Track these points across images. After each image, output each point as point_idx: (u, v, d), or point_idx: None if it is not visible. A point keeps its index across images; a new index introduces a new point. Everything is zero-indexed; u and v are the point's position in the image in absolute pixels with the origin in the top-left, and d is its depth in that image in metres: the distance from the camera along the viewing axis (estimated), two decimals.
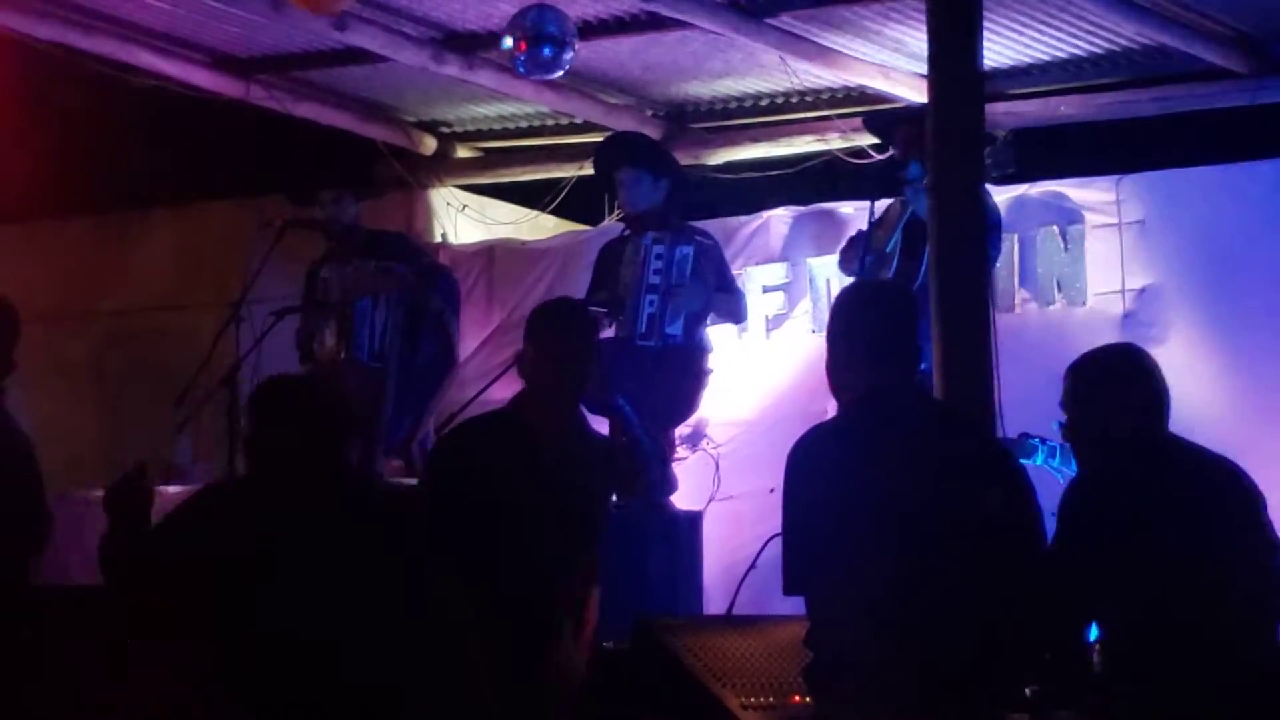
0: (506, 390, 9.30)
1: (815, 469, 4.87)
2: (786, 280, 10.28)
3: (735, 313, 9.35)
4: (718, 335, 9.32)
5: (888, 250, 8.60)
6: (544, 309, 6.34)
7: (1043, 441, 8.10)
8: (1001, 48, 9.62)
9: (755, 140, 11.04)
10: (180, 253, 11.86)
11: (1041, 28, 9.47)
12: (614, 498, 6.43)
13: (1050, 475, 8.05)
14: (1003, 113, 9.97)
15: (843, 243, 9.37)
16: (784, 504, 4.88)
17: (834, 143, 10.62)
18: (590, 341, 6.17)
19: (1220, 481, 5.51)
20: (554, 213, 11.61)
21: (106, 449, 10.66)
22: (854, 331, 4.98)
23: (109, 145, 11.32)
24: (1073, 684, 5.42)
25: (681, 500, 8.86)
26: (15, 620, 7.16)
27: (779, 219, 10.49)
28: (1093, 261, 9.53)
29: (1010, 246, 9.49)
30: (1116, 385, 5.57)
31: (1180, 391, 9.01)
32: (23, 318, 6.94)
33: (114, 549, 5.40)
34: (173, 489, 8.06)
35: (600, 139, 10.70)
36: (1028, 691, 5.34)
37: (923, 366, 5.71)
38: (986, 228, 7.95)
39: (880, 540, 4.72)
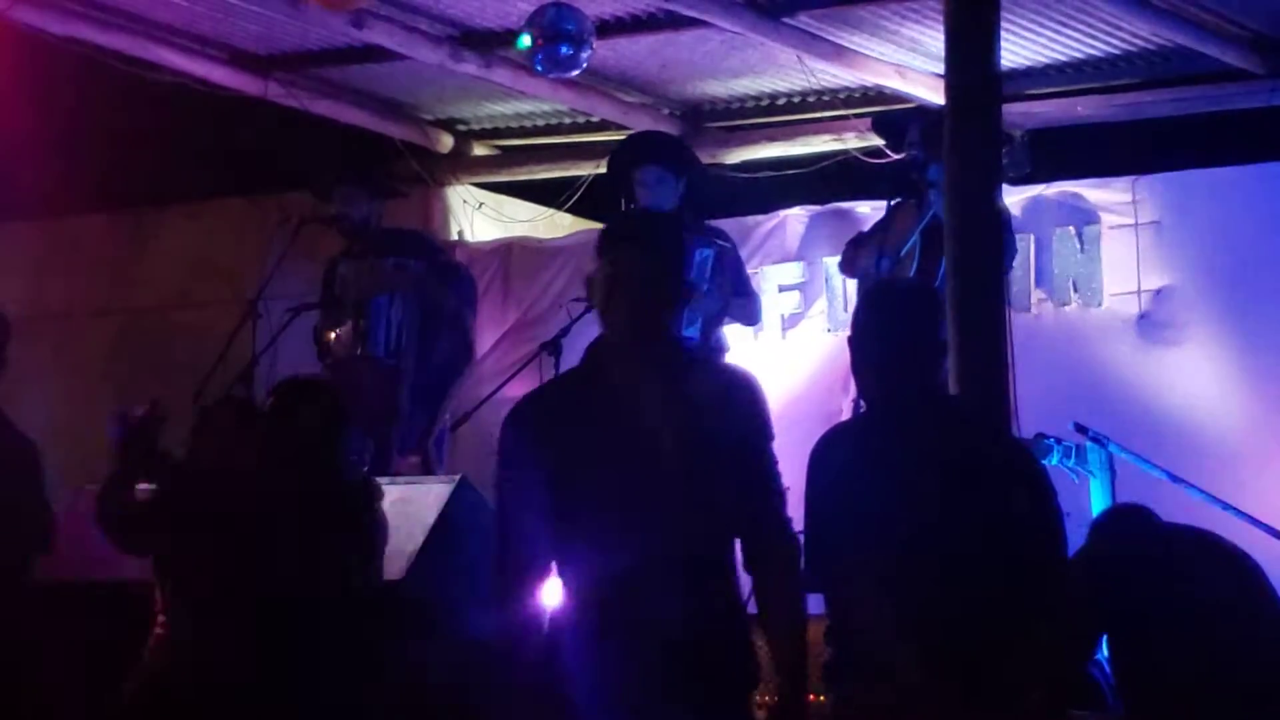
0: (522, 387, 9.32)
1: (836, 468, 4.87)
2: (802, 279, 10.28)
3: (750, 315, 9.32)
4: (733, 335, 9.31)
5: (902, 254, 8.57)
6: None
7: (1058, 442, 8.11)
8: (1018, 48, 9.62)
9: (772, 139, 11.04)
10: (196, 250, 11.87)
11: (1058, 28, 9.46)
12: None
13: (1066, 475, 8.05)
14: (1019, 113, 9.98)
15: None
16: (805, 502, 4.88)
17: (850, 142, 10.62)
18: (648, 258, 4.77)
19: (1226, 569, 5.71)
20: (570, 211, 11.61)
21: None
22: (876, 331, 4.98)
23: (126, 142, 11.34)
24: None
25: None
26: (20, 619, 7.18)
27: (795, 218, 10.49)
28: (1109, 262, 9.52)
29: (1026, 247, 9.49)
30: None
31: (1196, 392, 9.12)
32: (39, 314, 6.97)
33: (119, 489, 6.47)
34: None
35: (617, 137, 10.70)
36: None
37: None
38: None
39: (901, 539, 4.72)
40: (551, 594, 7.54)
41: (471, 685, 6.18)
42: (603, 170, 10.39)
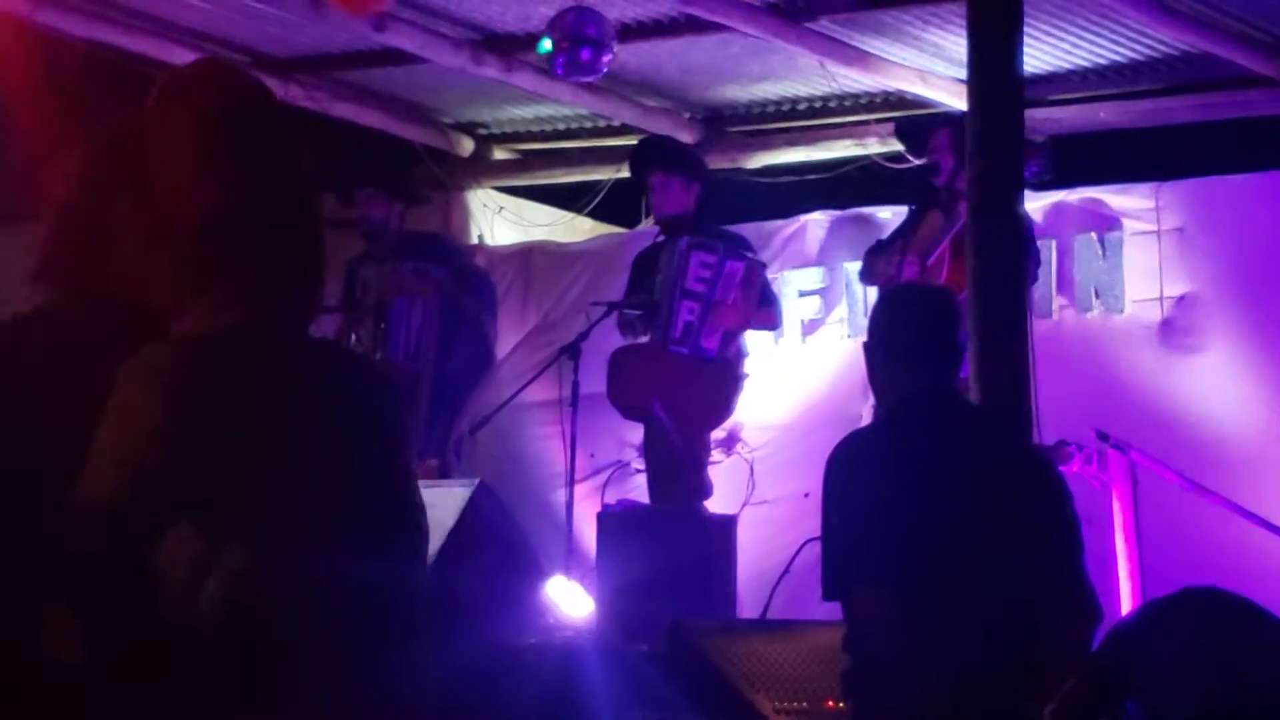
0: (542, 391, 9.33)
1: (855, 474, 4.85)
2: (823, 285, 10.26)
3: (772, 322, 9.31)
4: (753, 340, 9.30)
5: (930, 263, 8.54)
6: None
7: (1080, 448, 8.08)
8: (1041, 53, 9.59)
9: (793, 144, 11.02)
10: None
11: (1081, 34, 9.43)
12: None
13: (1087, 483, 8.03)
14: (1042, 119, 9.94)
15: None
16: (823, 509, 4.86)
17: (872, 147, 10.60)
18: None
19: None
20: (591, 215, 11.60)
21: None
22: (894, 335, 4.96)
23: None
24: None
25: (715, 504, 8.85)
26: None
27: (816, 223, 10.47)
28: (1131, 268, 9.48)
29: (1048, 253, 9.45)
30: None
31: (1218, 399, 9.09)
32: None
33: None
34: None
35: (636, 142, 10.70)
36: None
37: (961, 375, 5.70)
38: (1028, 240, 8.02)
39: (920, 546, 4.70)
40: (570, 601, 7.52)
41: (488, 688, 6.17)
42: (623, 174, 10.42)
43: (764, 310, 9.08)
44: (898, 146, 10.11)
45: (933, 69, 9.96)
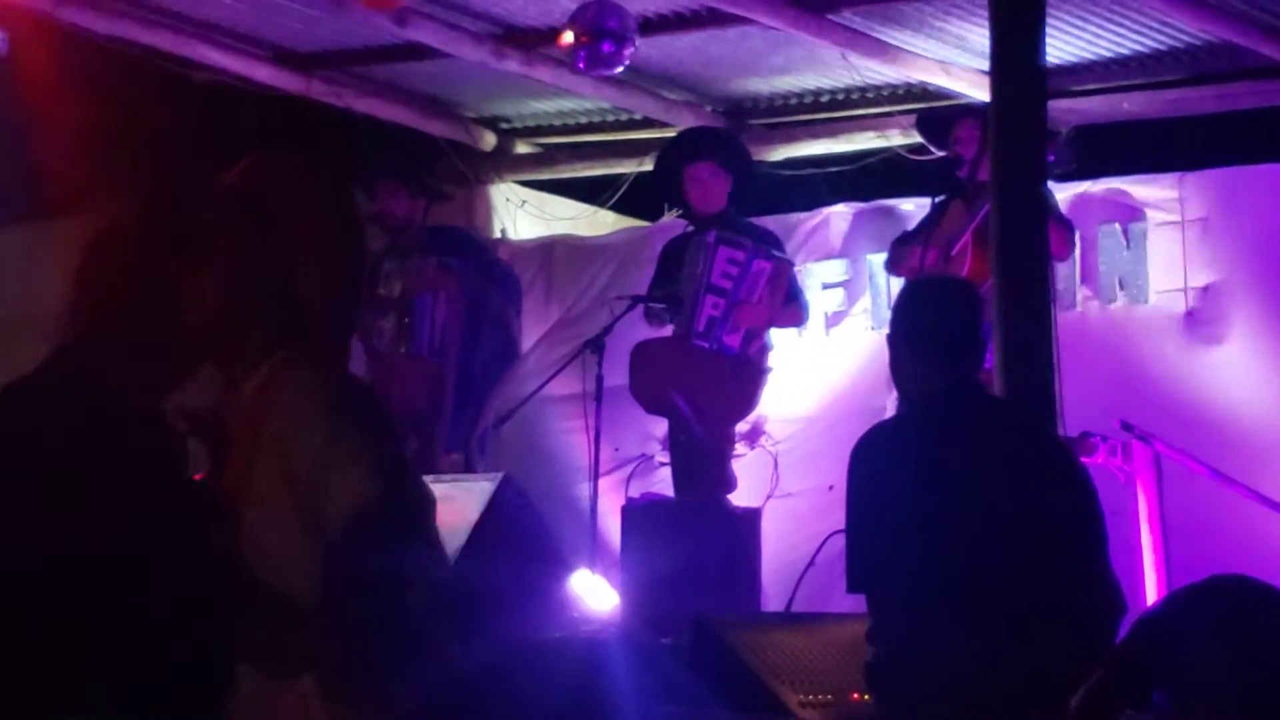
0: (565, 386, 9.34)
1: (878, 466, 4.85)
2: (846, 277, 10.25)
3: (798, 318, 9.27)
4: (777, 333, 9.28)
5: (954, 254, 8.53)
6: None
7: (1104, 440, 8.06)
8: (1064, 44, 9.57)
9: (815, 136, 11.01)
10: None
11: (1104, 24, 9.42)
12: None
13: (1112, 474, 8.01)
14: (1065, 109, 9.91)
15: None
16: (847, 502, 4.87)
17: (894, 139, 10.58)
18: None
19: None
20: (613, 208, 11.59)
21: None
22: (917, 328, 4.96)
23: (171, 141, 11.35)
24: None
25: (740, 497, 8.85)
26: None
27: (839, 215, 10.46)
28: (1155, 259, 9.46)
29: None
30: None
31: (1243, 390, 9.07)
32: None
33: None
34: None
35: (660, 135, 10.70)
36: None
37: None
38: (1067, 226, 8.07)
39: (944, 538, 4.70)
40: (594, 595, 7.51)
41: (512, 681, 6.18)
42: (645, 168, 10.40)
43: (790, 308, 9.04)
44: (920, 138, 10.09)
45: (955, 60, 9.94)
